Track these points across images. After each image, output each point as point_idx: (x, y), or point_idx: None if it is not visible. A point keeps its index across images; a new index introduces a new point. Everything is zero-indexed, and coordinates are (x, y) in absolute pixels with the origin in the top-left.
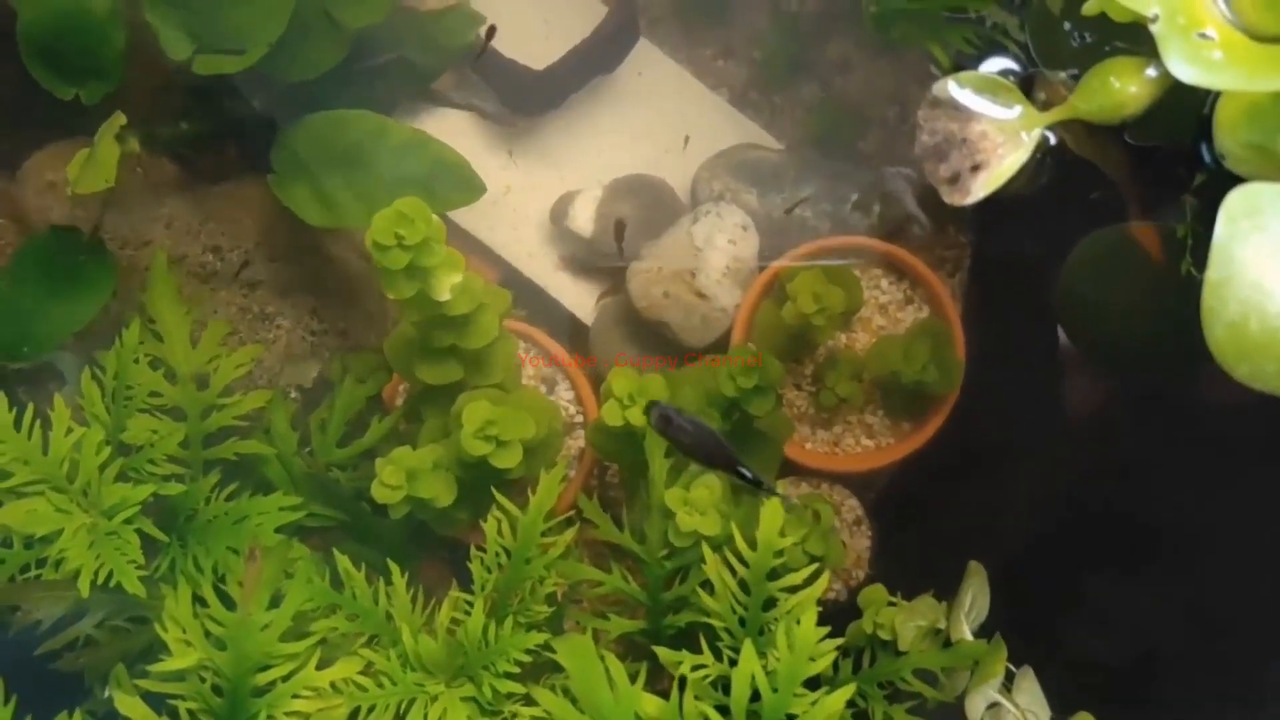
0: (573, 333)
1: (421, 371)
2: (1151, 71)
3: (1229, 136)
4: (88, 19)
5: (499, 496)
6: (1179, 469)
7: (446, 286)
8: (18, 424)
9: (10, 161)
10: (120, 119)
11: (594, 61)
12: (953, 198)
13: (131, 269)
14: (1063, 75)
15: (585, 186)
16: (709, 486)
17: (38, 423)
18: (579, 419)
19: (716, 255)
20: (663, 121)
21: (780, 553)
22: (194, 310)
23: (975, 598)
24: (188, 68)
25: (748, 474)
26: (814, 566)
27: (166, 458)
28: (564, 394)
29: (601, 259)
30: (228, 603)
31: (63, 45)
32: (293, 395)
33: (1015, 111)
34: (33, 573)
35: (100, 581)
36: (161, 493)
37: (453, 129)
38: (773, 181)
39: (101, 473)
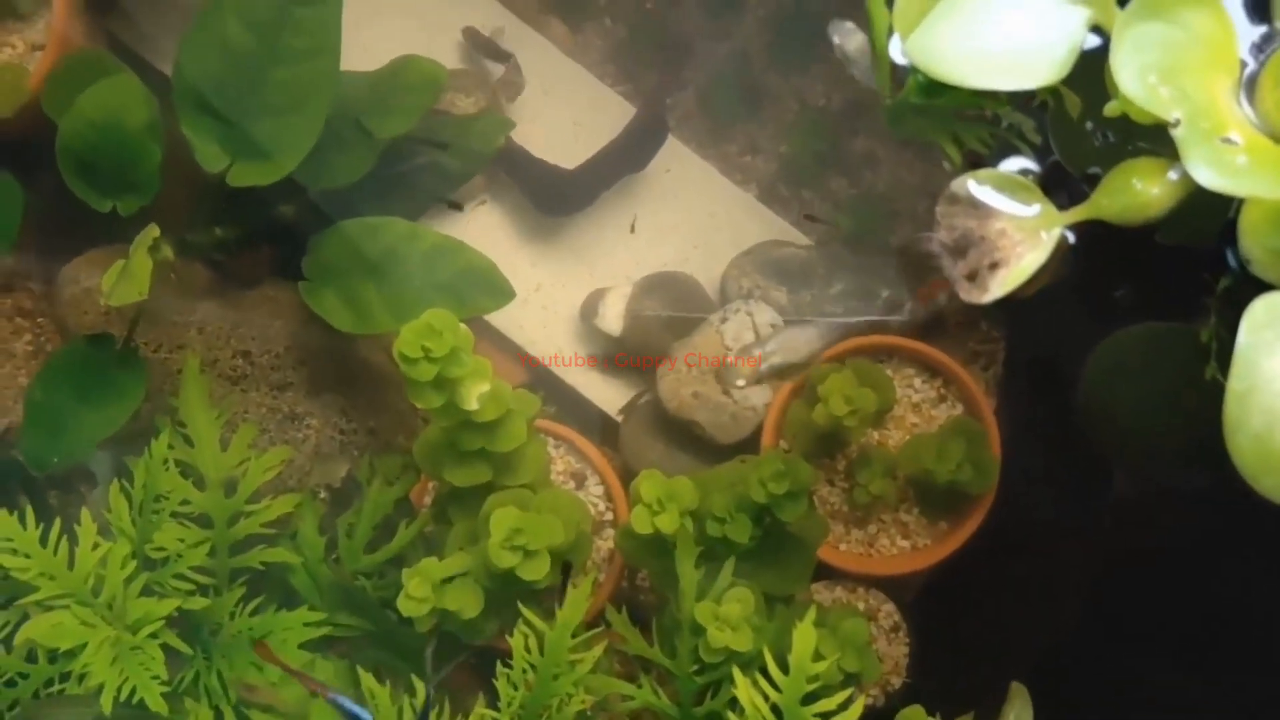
0: (603, 431)
1: (449, 474)
2: (1173, 174)
3: (1254, 242)
4: (125, 133)
5: (526, 612)
6: (1230, 565)
7: (474, 396)
8: (44, 539)
9: (49, 266)
10: (154, 232)
11: (624, 161)
12: (971, 295)
13: (165, 372)
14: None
15: (615, 284)
16: (741, 600)
17: (64, 537)
18: (609, 516)
19: None
20: (691, 218)
21: (815, 676)
22: (225, 413)
23: None
24: (222, 177)
25: None
26: (849, 691)
27: (192, 568)
28: (594, 489)
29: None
30: None
31: (100, 159)
32: (322, 496)
33: (1034, 210)
34: (56, 687)
35: (123, 697)
36: (186, 607)
37: (482, 228)
38: (802, 278)
39: (126, 586)
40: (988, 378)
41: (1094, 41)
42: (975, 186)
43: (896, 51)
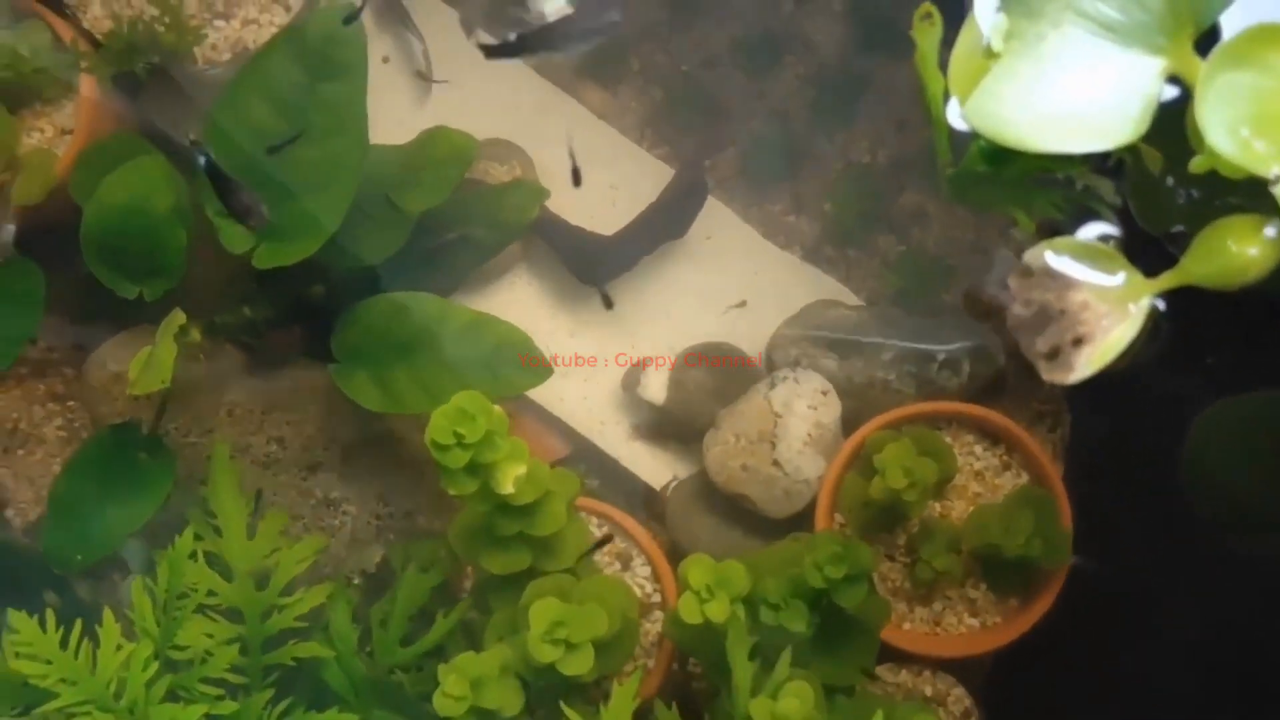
0: (648, 505)
1: (487, 561)
2: (1271, 231)
3: None
4: (150, 217)
5: (569, 711)
6: None
7: (510, 479)
8: (65, 641)
9: (81, 350)
10: (179, 319)
11: (663, 226)
12: (1053, 375)
13: (195, 457)
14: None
15: (658, 353)
16: (800, 695)
17: (85, 639)
18: (656, 598)
19: (796, 423)
20: (735, 284)
21: None
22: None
23: None
24: (249, 258)
25: None
26: None
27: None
28: (640, 570)
29: None
30: None
31: (125, 243)
32: (356, 582)
33: (1119, 279)
34: None
35: None
36: (214, 712)
37: (519, 298)
38: (852, 343)
39: (148, 690)
40: (1054, 439)
41: (1171, 92)
42: (1053, 257)
43: (955, 117)
